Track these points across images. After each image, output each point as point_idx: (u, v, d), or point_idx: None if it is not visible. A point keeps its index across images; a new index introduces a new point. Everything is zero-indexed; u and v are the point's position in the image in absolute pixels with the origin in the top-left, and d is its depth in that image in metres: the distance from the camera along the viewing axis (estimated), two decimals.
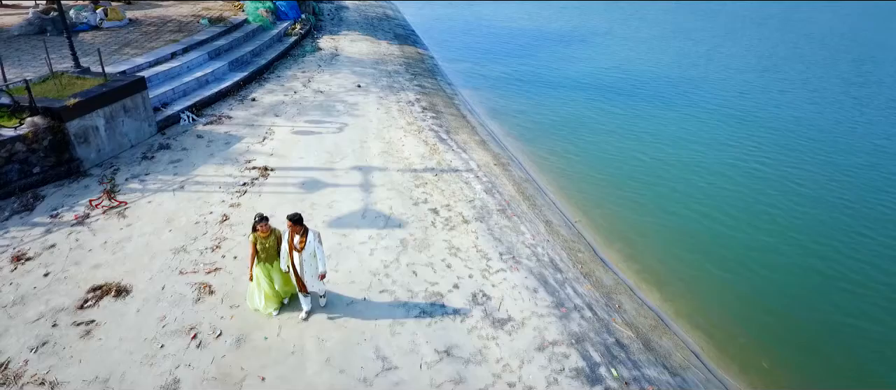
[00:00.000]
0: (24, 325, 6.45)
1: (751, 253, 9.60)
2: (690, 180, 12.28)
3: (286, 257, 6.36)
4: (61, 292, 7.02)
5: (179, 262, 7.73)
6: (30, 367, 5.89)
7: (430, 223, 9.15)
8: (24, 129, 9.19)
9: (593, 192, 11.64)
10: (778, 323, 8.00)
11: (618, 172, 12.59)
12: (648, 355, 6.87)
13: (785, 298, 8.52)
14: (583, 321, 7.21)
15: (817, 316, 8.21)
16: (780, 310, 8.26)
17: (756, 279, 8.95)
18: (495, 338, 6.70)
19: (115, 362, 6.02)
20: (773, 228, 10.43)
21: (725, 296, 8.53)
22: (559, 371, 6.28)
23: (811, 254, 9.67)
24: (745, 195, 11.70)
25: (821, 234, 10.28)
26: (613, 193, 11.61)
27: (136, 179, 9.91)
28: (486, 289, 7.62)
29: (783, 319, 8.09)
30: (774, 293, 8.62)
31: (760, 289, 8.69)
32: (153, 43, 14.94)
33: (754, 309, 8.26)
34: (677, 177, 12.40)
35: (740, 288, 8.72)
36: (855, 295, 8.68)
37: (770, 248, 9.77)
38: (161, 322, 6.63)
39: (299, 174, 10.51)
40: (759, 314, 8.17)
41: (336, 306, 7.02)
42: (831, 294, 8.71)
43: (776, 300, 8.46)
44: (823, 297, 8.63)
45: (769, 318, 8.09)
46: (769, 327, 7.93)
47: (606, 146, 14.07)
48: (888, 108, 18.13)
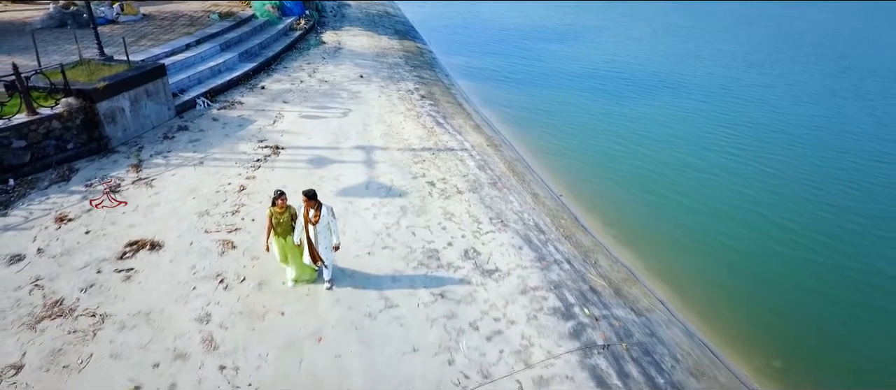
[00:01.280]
0: (73, 272, 7.40)
1: (715, 221, 10.60)
2: (667, 162, 13.26)
3: (301, 230, 6.87)
4: (102, 246, 7.98)
5: (204, 224, 8.68)
6: (81, 303, 6.84)
7: (427, 193, 10.11)
8: (59, 109, 10.15)
9: (578, 171, 12.62)
10: (737, 279, 8.97)
11: (602, 155, 13.58)
12: (618, 299, 7.83)
13: (742, 257, 9.50)
14: (561, 272, 8.17)
15: (767, 272, 9.16)
16: (738, 268, 9.23)
17: (718, 243, 9.92)
18: (483, 284, 7.66)
19: (155, 300, 6.97)
20: (735, 201, 11.41)
21: (692, 258, 9.51)
22: (538, 309, 7.24)
23: (767, 222, 10.63)
24: (714, 174, 12.70)
25: (777, 205, 11.25)
26: (597, 173, 12.59)
27: (160, 156, 10.87)
28: (477, 246, 8.58)
29: (740, 275, 9.06)
30: (734, 253, 9.60)
31: (722, 251, 9.68)
32: (168, 35, 15.91)
33: (717, 268, 9.23)
34: (655, 159, 13.37)
35: (705, 250, 9.70)
36: (801, 248, 9.64)
37: (731, 217, 10.81)
38: (191, 270, 7.58)
39: (308, 152, 11.47)
40: (720, 272, 9.14)
41: (344, 259, 7.95)
42: (779, 251, 9.67)
43: (735, 259, 9.44)
44: (773, 255, 9.59)
45: (730, 276, 9.06)
46: (729, 284, 8.89)
47: (593, 132, 15.05)
48: (858, 99, 19.09)
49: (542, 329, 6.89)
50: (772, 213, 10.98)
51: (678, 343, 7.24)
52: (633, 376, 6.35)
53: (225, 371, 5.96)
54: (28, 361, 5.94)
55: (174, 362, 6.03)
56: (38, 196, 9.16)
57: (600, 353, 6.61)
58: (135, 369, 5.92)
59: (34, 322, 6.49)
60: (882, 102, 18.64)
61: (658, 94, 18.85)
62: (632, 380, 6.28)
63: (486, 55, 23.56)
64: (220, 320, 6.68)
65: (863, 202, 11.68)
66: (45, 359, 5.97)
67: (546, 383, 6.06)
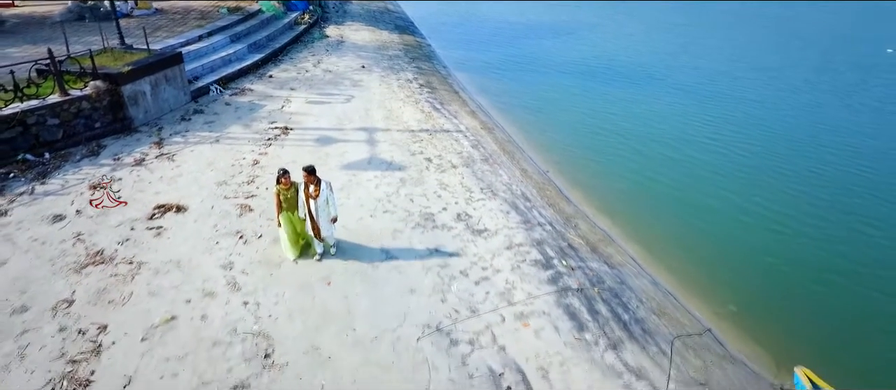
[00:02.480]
0: (109, 229, 8.35)
1: (686, 194, 11.60)
2: (645, 144, 14.22)
3: (302, 205, 7.47)
4: (133, 208, 8.93)
5: (223, 191, 9.63)
6: (119, 254, 7.79)
7: (424, 167, 11.05)
8: (88, 91, 11.11)
9: (565, 152, 13.58)
10: (703, 242, 9.90)
11: (587, 137, 14.54)
12: (593, 255, 8.78)
13: (707, 224, 10.43)
14: (544, 232, 9.11)
15: (729, 236, 10.09)
16: (705, 233, 10.17)
17: (687, 212, 10.86)
18: (473, 241, 8.60)
19: (183, 252, 7.91)
20: (704, 177, 12.38)
21: (663, 224, 10.44)
22: (521, 261, 8.18)
23: (731, 194, 11.57)
24: (688, 153, 13.67)
25: (740, 181, 12.19)
26: (582, 153, 13.55)
27: (178, 135, 11.82)
28: (469, 210, 9.52)
29: (706, 238, 9.99)
30: (700, 221, 10.54)
31: (690, 219, 10.62)
32: (181, 27, 16.87)
33: (685, 233, 10.16)
34: (635, 142, 14.35)
35: (675, 218, 10.64)
36: (760, 217, 10.58)
37: (699, 190, 11.77)
38: (214, 228, 8.53)
39: (314, 133, 12.42)
40: (688, 236, 10.07)
41: (348, 221, 8.88)
42: (741, 218, 10.61)
43: (702, 225, 10.38)
44: (735, 222, 10.52)
45: (697, 240, 9.99)
46: (696, 246, 9.81)
47: (579, 118, 16.01)
48: (835, 91, 20.02)
49: (524, 276, 7.83)
50: (735, 188, 11.90)
51: (645, 290, 8.18)
52: (601, 313, 7.29)
53: (248, 305, 6.90)
54: (78, 297, 6.89)
55: (204, 299, 6.98)
56: (72, 168, 10.12)
57: (574, 295, 7.55)
58: (170, 304, 6.86)
59: (79, 267, 7.44)
60: (859, 94, 19.54)
61: (642, 84, 19.83)
62: (600, 316, 7.22)
63: (483, 49, 24.53)
64: (241, 267, 7.63)
65: (817, 176, 12.61)
66: (92, 296, 6.92)
67: (526, 317, 7.00)
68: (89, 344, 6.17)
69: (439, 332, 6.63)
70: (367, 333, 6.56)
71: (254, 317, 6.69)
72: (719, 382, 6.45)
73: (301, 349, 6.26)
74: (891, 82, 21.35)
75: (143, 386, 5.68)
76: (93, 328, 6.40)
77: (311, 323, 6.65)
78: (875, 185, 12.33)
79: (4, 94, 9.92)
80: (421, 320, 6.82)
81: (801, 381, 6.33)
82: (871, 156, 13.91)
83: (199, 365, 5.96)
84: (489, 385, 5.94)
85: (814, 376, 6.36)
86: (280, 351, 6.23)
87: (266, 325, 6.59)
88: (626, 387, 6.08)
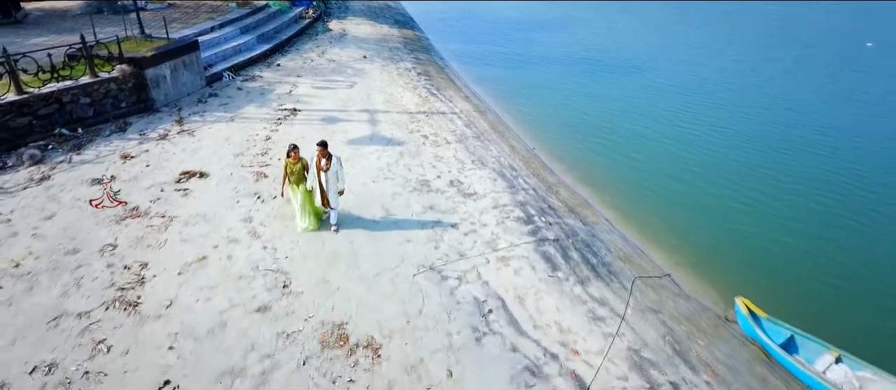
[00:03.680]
0: (142, 190, 9.44)
1: (657, 166, 12.79)
2: (625, 126, 15.40)
3: (313, 177, 8.19)
4: (160, 175, 10.02)
5: (240, 161, 10.73)
6: (152, 209, 8.87)
7: (421, 143, 12.15)
8: (115, 73, 12.19)
9: (551, 131, 14.71)
10: (671, 208, 11.00)
11: (572, 120, 15.68)
12: (571, 215, 9.87)
13: (674, 193, 11.52)
14: (527, 195, 10.21)
15: (694, 202, 11.18)
16: (672, 201, 11.27)
17: (657, 183, 11.96)
18: (464, 202, 9.70)
19: (208, 208, 9.00)
20: (675, 155, 13.46)
21: (636, 193, 11.54)
22: (506, 218, 9.27)
23: (698, 168, 12.66)
24: (662, 132, 14.81)
25: (708, 156, 13.29)
26: (567, 133, 14.68)
27: (196, 115, 12.91)
28: (460, 178, 10.62)
29: (673, 205, 11.09)
30: (668, 190, 11.64)
31: (659, 189, 11.72)
32: (194, 19, 17.97)
33: (655, 201, 11.27)
34: (616, 123, 15.54)
35: (647, 188, 11.76)
36: (723, 186, 11.67)
37: (670, 165, 12.91)
38: (234, 190, 9.62)
39: (321, 113, 13.51)
40: (659, 204, 11.17)
41: (352, 187, 9.95)
42: (704, 189, 11.70)
43: (670, 195, 11.48)
44: (699, 191, 11.62)
45: (666, 207, 11.08)
46: (665, 211, 10.90)
47: (565, 102, 17.19)
48: (809, 80, 21.11)
49: (508, 229, 8.93)
50: (704, 164, 13.06)
51: (614, 243, 9.28)
52: (573, 258, 8.38)
53: (267, 249, 7.99)
54: (120, 243, 7.98)
55: (229, 244, 8.07)
56: (103, 141, 11.21)
57: (551, 244, 8.64)
58: (200, 248, 7.95)
59: (119, 220, 8.53)
60: (831, 84, 20.61)
61: (625, 73, 21.03)
62: (572, 260, 8.31)
63: (479, 43, 25.65)
64: (260, 220, 8.72)
65: (771, 153, 13.73)
66: (132, 242, 8.01)
67: (507, 260, 8.09)
68: (134, 277, 7.26)
69: (432, 271, 7.72)
70: (370, 271, 7.65)
71: (272, 258, 7.79)
72: (671, 311, 7.54)
73: (314, 281, 7.36)
74: (863, 71, 22.43)
75: (183, 306, 6.77)
76: (136, 265, 7.49)
77: (322, 263, 7.75)
78: (810, 151, 13.67)
79: (43, 75, 11.00)
80: (416, 261, 7.91)
81: (740, 309, 7.41)
82: (819, 131, 15.10)
83: (228, 292, 7.06)
84: (473, 308, 7.03)
85: (751, 304, 7.45)
86: (296, 283, 7.32)
87: (283, 264, 7.68)
88: (589, 311, 7.17)
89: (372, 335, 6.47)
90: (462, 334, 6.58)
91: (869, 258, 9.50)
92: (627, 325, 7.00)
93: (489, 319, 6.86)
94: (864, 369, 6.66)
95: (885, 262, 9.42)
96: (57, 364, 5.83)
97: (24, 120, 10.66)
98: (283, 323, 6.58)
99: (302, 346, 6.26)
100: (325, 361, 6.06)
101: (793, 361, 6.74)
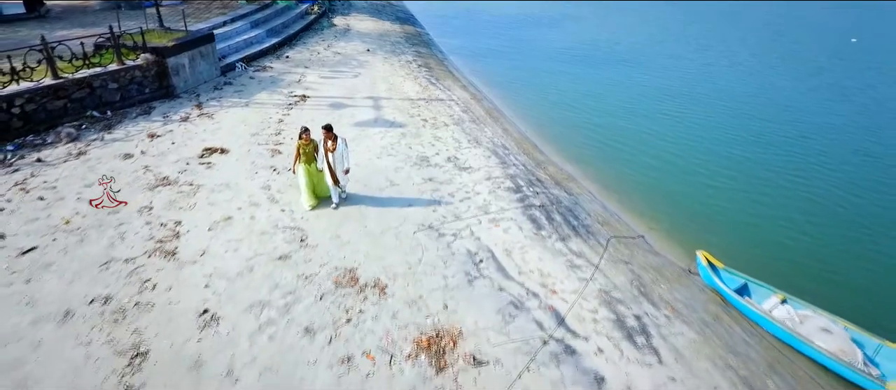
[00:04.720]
0: (169, 164, 10.49)
1: (640, 146, 13.74)
2: (612, 112, 16.44)
3: (322, 158, 9.05)
4: (185, 151, 11.07)
5: (256, 140, 11.77)
6: (181, 179, 9.92)
7: (421, 125, 13.19)
8: (139, 62, 13.26)
9: (542, 117, 15.75)
10: (650, 183, 12.03)
11: (562, 107, 16.72)
12: (557, 186, 10.91)
13: (653, 170, 12.55)
14: (517, 170, 11.25)
15: (671, 177, 12.20)
16: (652, 176, 12.29)
17: (639, 161, 12.98)
18: (459, 175, 10.73)
19: (229, 178, 10.04)
20: (656, 136, 14.48)
21: (620, 172, 12.56)
22: (497, 187, 10.31)
23: (677, 147, 13.69)
24: (646, 117, 15.78)
25: (689, 139, 14.32)
26: (557, 119, 15.72)
27: (213, 100, 13.97)
28: (457, 155, 11.66)
29: (652, 180, 12.12)
30: (648, 168, 12.66)
31: (640, 167, 12.73)
32: (207, 15, 19.04)
33: (636, 177, 12.28)
34: (603, 110, 16.59)
35: (629, 167, 12.76)
36: (697, 161, 12.70)
37: (652, 145, 13.86)
38: (252, 164, 10.67)
39: (328, 100, 14.56)
40: (640, 179, 12.19)
41: (358, 161, 10.99)
42: (680, 163, 12.71)
43: (650, 172, 12.50)
44: (675, 166, 12.62)
45: (646, 182, 12.11)
46: (644, 185, 11.93)
47: (556, 91, 18.26)
48: (790, 74, 22.13)
49: (499, 197, 9.96)
50: (681, 142, 14.09)
51: (595, 210, 10.31)
52: (556, 220, 9.42)
53: (285, 211, 9.03)
54: (155, 205, 9.02)
55: (251, 207, 9.12)
56: (130, 123, 12.27)
57: (537, 209, 9.68)
58: (225, 210, 8.99)
59: (152, 187, 9.58)
60: (813, 79, 21.64)
61: (614, 65, 22.21)
62: (555, 221, 9.34)
63: (477, 38, 26.72)
64: (277, 188, 9.77)
65: (746, 135, 14.75)
66: (165, 205, 9.06)
67: (497, 221, 9.13)
68: (170, 232, 8.31)
69: (431, 229, 8.76)
70: (376, 229, 8.69)
71: (290, 218, 8.83)
72: (640, 263, 8.58)
73: (327, 237, 8.39)
74: (845, 64, 23.44)
75: (215, 255, 7.80)
76: (171, 222, 8.54)
77: (335, 223, 8.78)
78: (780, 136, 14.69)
79: (77, 62, 12.06)
80: (417, 221, 8.95)
81: (700, 261, 8.43)
82: (794, 111, 16.08)
83: (253, 244, 8.09)
84: (466, 258, 8.07)
85: (711, 256, 8.47)
86: (312, 238, 8.36)
87: (300, 223, 8.72)
88: (568, 261, 8.21)
89: (379, 277, 7.51)
90: (456, 277, 7.61)
91: (814, 218, 10.62)
92: (600, 272, 8.03)
93: (480, 266, 7.90)
94: (805, 308, 7.68)
95: (827, 219, 10.57)
96: (112, 297, 6.87)
97: (60, 103, 11.71)
98: (302, 268, 7.61)
99: (318, 285, 7.29)
100: (339, 296, 7.10)
101: (744, 302, 7.76)
